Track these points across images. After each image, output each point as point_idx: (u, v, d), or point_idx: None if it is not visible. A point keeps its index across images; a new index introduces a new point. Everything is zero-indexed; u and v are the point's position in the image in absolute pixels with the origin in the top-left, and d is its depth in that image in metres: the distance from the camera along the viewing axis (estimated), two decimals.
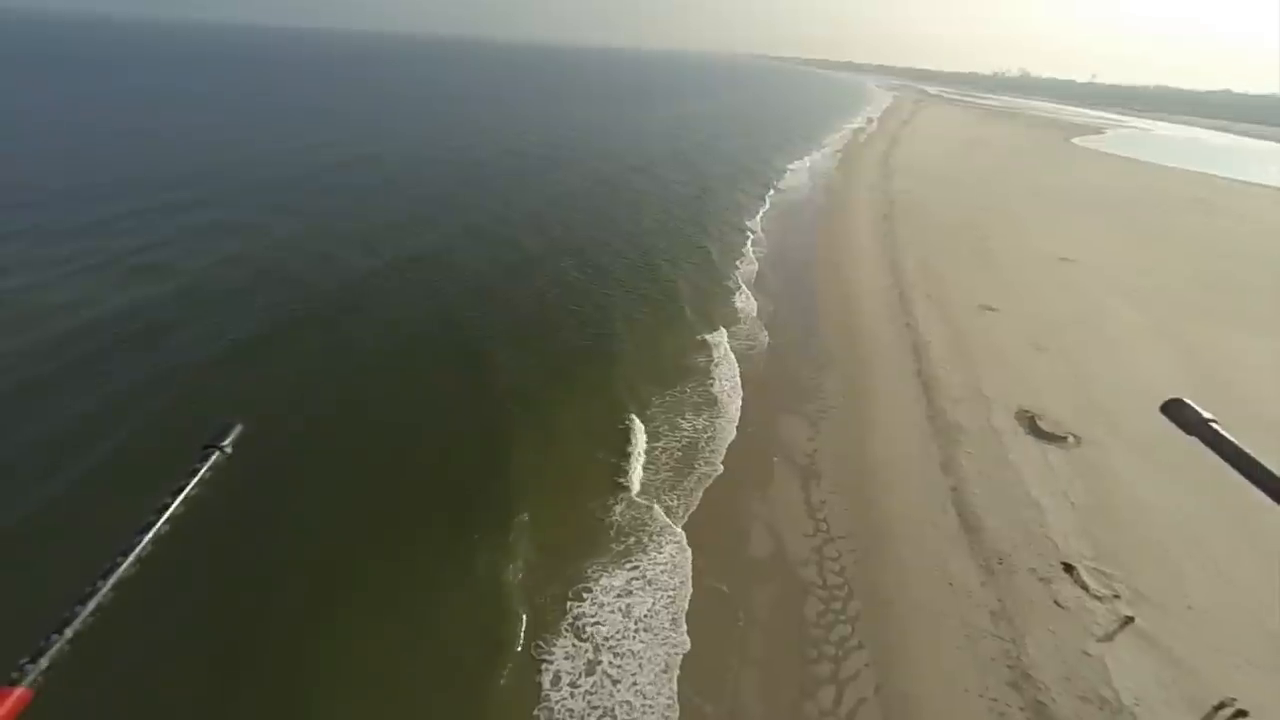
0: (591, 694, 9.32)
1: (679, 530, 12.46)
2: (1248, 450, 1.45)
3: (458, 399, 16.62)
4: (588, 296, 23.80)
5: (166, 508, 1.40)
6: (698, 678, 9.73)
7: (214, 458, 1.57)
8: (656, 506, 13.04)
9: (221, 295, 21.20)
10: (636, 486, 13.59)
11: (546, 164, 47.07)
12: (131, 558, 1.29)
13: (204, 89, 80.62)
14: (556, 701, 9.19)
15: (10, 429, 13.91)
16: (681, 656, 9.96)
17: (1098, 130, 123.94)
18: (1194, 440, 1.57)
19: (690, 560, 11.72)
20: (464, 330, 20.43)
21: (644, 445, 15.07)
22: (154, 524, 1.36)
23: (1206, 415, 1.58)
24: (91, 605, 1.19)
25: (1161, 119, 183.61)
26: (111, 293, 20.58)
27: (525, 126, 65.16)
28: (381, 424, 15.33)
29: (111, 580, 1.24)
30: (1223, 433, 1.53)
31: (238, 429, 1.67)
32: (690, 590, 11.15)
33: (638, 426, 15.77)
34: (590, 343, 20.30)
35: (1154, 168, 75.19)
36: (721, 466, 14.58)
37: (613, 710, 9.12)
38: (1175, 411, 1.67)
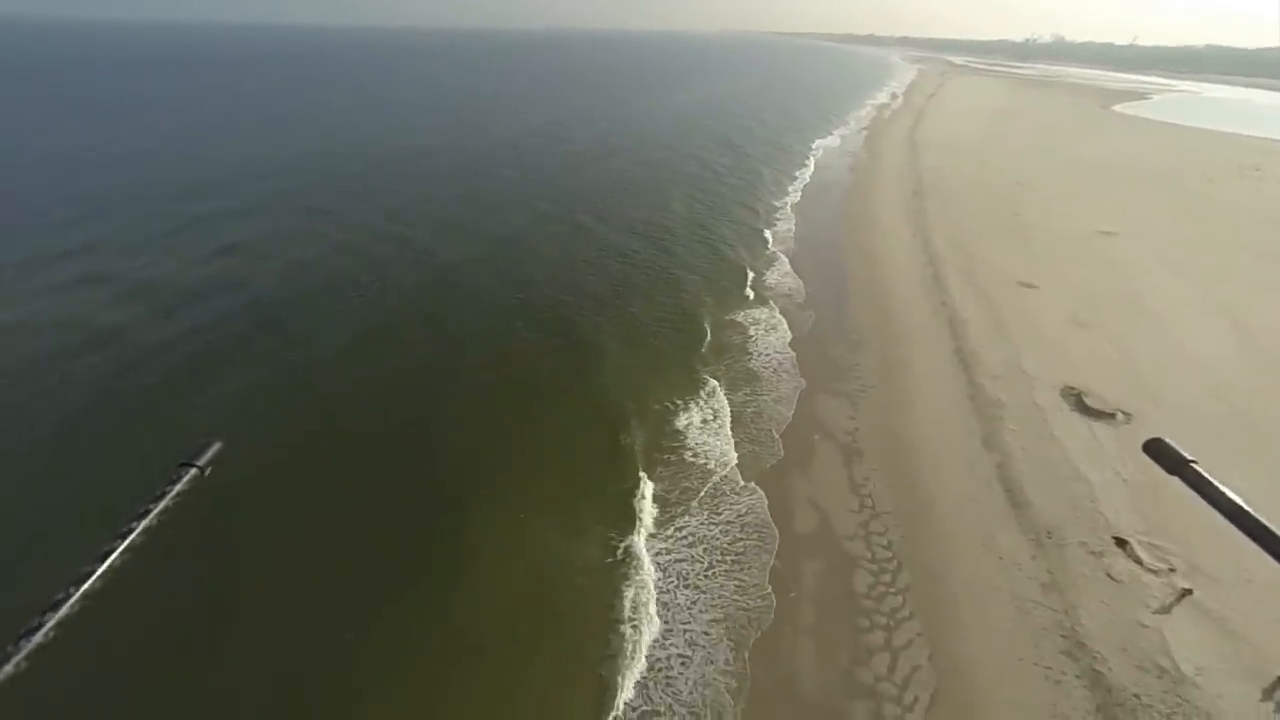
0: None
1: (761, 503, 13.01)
2: (1229, 493, 1.43)
3: (553, 367, 17.98)
4: (653, 274, 25.06)
5: (132, 530, 1.33)
6: (747, 646, 10.09)
7: (188, 477, 1.50)
8: (741, 478, 13.70)
9: (310, 286, 22.63)
10: (733, 458, 14.35)
11: (595, 153, 47.59)
12: (91, 581, 1.22)
13: (236, 90, 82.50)
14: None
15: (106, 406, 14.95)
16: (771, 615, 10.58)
17: (1140, 96, 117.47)
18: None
19: (777, 538, 12.15)
20: (548, 308, 21.69)
21: (730, 420, 15.80)
22: (117, 547, 1.29)
23: (1188, 456, 1.55)
24: (39, 637, 1.12)
25: (1211, 81, 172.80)
26: (215, 284, 22.14)
27: (561, 115, 65.14)
28: (470, 394, 16.55)
29: (65, 608, 1.16)
30: (1204, 474, 1.50)
31: (216, 447, 1.60)
32: (772, 564, 11.56)
33: (720, 395, 16.75)
34: (659, 318, 21.39)
35: (1201, 133, 71.14)
36: (782, 448, 14.81)
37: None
38: (1156, 451, 1.61)
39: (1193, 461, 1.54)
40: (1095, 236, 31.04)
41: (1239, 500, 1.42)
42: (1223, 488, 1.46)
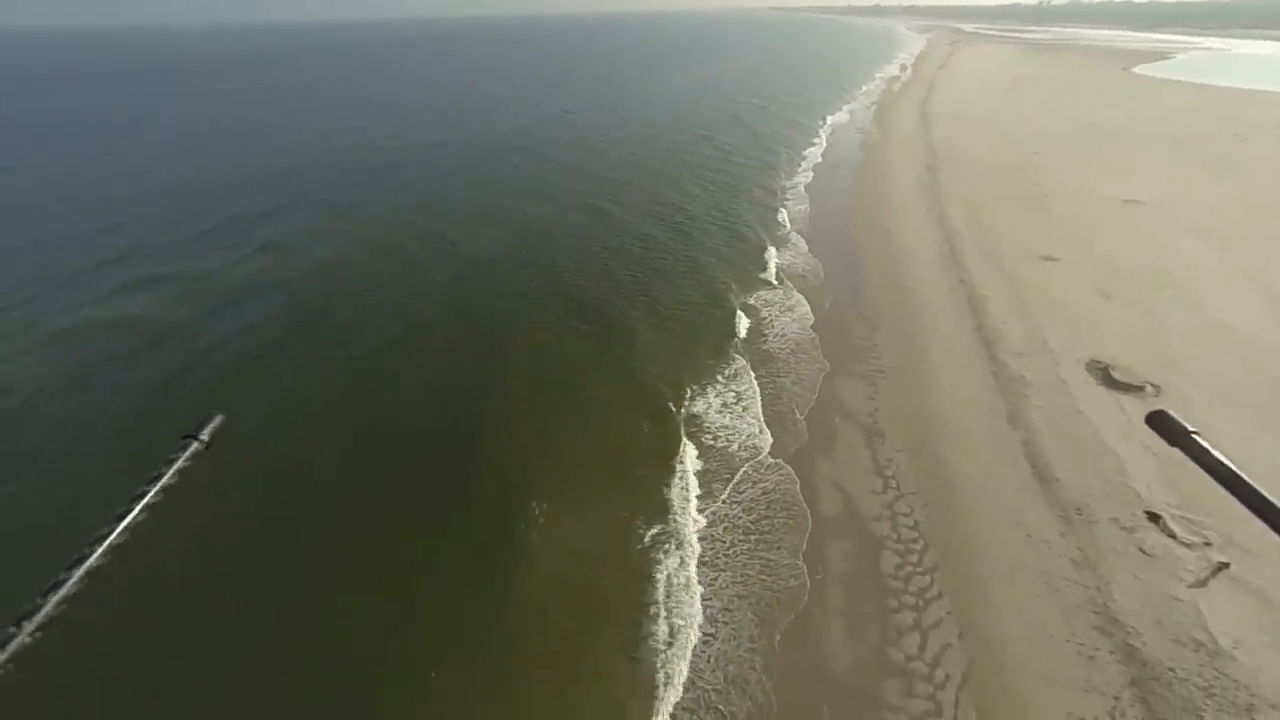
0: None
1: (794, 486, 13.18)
2: (1231, 464, 1.42)
3: (581, 350, 18.35)
4: (674, 257, 25.31)
5: (142, 496, 1.37)
6: (777, 628, 10.18)
7: (191, 449, 1.53)
8: (770, 459, 13.92)
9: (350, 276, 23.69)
10: (762, 440, 14.52)
11: (606, 137, 47.59)
12: (104, 547, 1.25)
13: (238, 93, 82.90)
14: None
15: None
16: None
17: (1162, 56, 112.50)
18: None
19: (809, 518, 12.24)
20: (573, 293, 21.93)
21: (759, 402, 15.95)
22: (129, 512, 1.34)
23: (1190, 428, 1.56)
24: (62, 593, 1.16)
25: (1240, 36, 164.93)
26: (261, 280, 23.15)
27: (566, 103, 64.50)
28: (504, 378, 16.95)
29: (82, 569, 1.21)
30: (1206, 446, 1.51)
31: (218, 420, 1.63)
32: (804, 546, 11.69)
33: (746, 378, 16.91)
34: (682, 300, 21.58)
35: (1230, 92, 68.10)
36: (806, 431, 14.82)
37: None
38: (1158, 423, 1.63)
39: (1194, 433, 1.54)
40: (1119, 205, 30.08)
41: (1238, 470, 1.41)
42: (1222, 458, 1.45)
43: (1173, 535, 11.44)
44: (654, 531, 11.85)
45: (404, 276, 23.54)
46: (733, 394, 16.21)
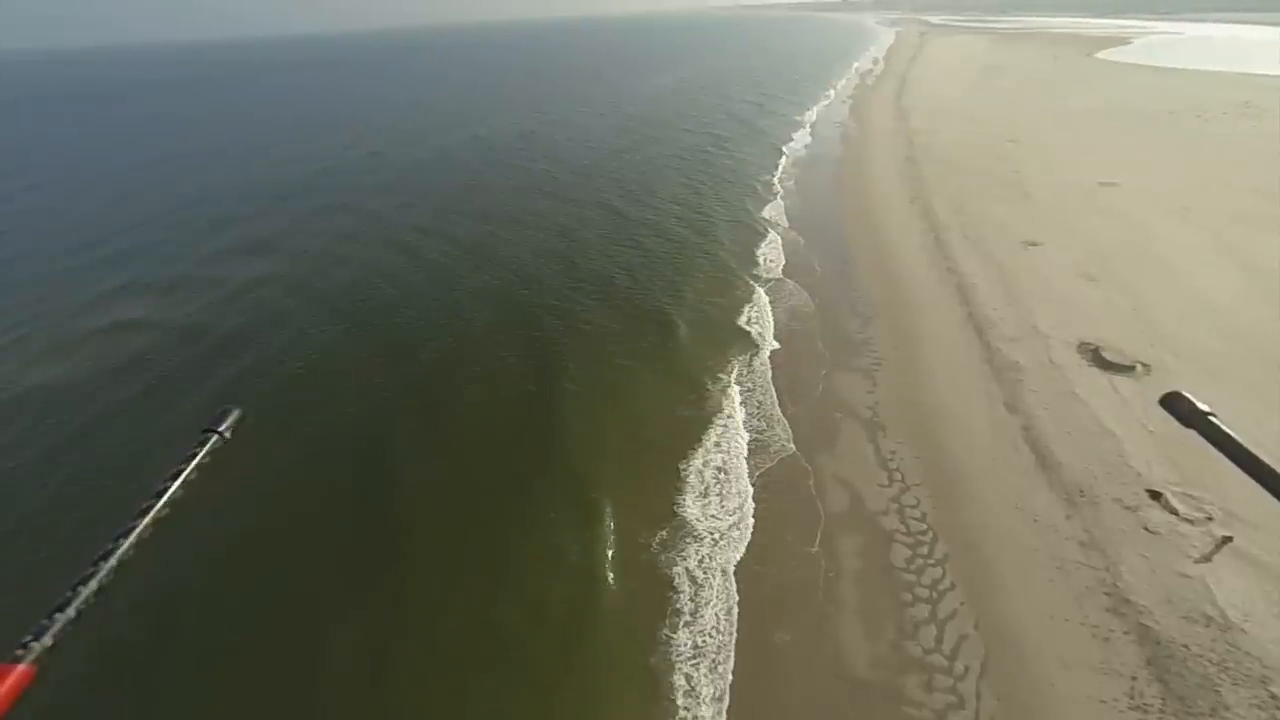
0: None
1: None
2: (1246, 444, 1.40)
3: (579, 349, 18.93)
4: (685, 253, 26.06)
5: (166, 490, 1.42)
6: (795, 628, 10.10)
7: (212, 442, 1.59)
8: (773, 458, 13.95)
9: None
10: (779, 436, 14.67)
11: (607, 139, 48.46)
12: (131, 539, 1.30)
13: (232, 109, 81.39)
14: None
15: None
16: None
17: (1122, 40, 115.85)
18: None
19: (822, 514, 12.34)
20: (593, 289, 22.81)
21: (771, 396, 15.88)
22: (153, 506, 1.38)
23: (1204, 408, 1.53)
24: (93, 585, 1.19)
25: (1192, 20, 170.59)
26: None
27: (562, 107, 65.33)
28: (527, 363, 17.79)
29: (112, 560, 1.24)
30: (1221, 426, 1.48)
31: (235, 414, 1.68)
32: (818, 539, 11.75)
33: (755, 373, 17.47)
34: (694, 290, 22.60)
35: (1190, 74, 70.21)
36: (811, 427, 14.89)
37: None
38: (1173, 405, 1.60)
39: (1210, 414, 1.50)
40: (1096, 188, 30.71)
41: (1257, 452, 1.37)
42: (1240, 439, 1.40)
43: (1175, 512, 11.60)
44: (674, 526, 11.88)
45: (425, 278, 24.06)
46: (745, 388, 16.53)
